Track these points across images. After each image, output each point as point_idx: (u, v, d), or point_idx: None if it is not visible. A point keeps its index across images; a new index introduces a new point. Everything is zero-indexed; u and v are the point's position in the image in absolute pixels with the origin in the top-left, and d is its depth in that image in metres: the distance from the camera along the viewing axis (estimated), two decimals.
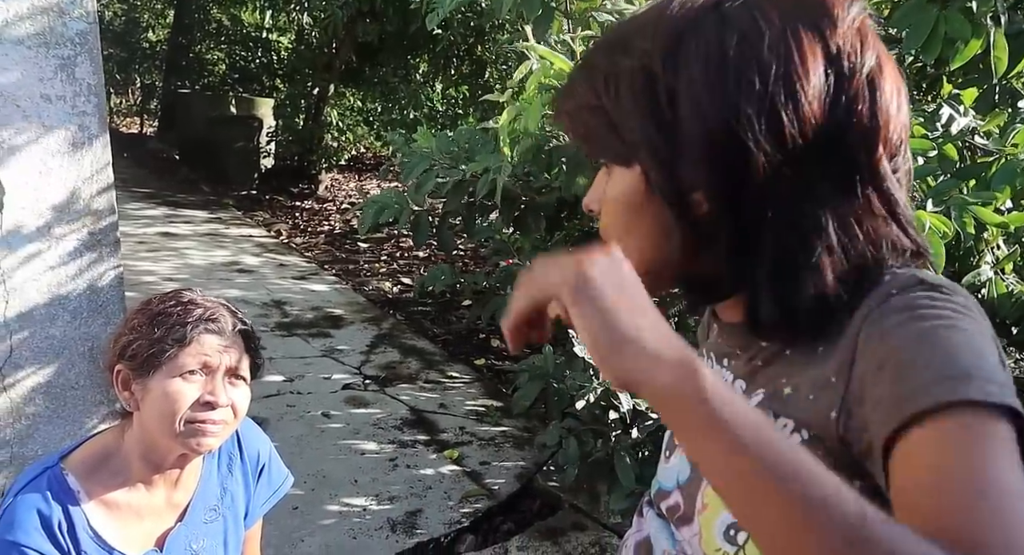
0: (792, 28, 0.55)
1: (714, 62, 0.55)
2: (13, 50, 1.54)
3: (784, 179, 0.55)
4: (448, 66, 7.91)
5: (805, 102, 0.54)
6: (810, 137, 0.54)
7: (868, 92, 0.55)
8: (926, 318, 0.51)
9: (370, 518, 2.48)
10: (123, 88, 11.90)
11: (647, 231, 0.61)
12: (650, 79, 0.58)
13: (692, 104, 0.56)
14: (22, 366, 1.68)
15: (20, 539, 0.97)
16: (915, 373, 0.49)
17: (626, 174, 0.61)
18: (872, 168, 0.56)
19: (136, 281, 4.43)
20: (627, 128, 0.59)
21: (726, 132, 0.55)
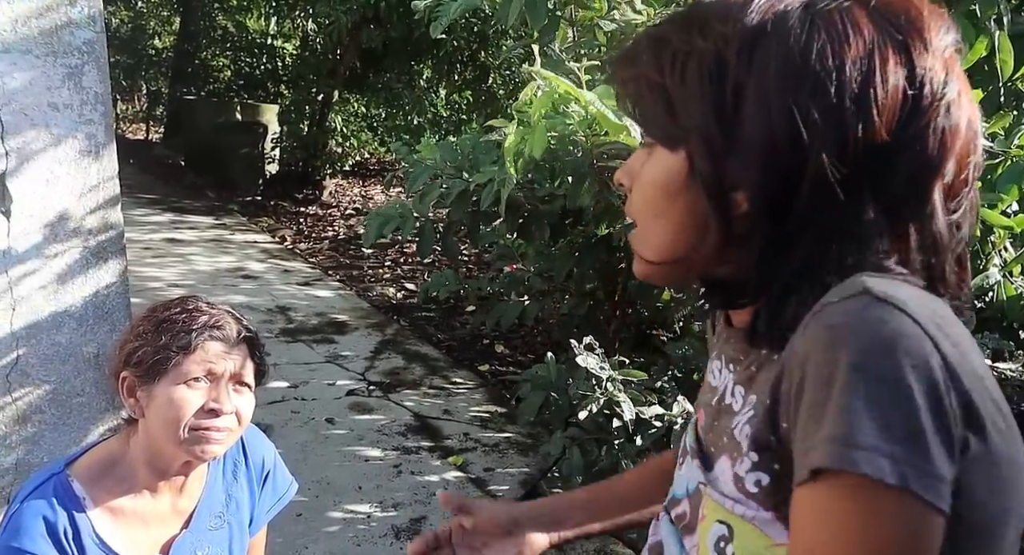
0: (881, 43, 0.53)
1: (792, 63, 0.53)
2: (21, 59, 1.55)
3: (834, 195, 0.53)
4: (452, 72, 7.93)
5: (877, 119, 0.52)
6: (872, 158, 0.52)
7: (942, 123, 0.53)
8: (837, 346, 0.47)
9: (375, 525, 2.48)
10: (129, 95, 11.95)
11: (677, 219, 0.60)
12: (721, 66, 0.55)
13: (759, 102, 0.54)
14: (28, 373, 1.69)
15: (26, 546, 0.98)
16: (816, 425, 0.47)
17: (670, 157, 0.59)
18: (923, 198, 0.54)
19: (142, 287, 4.44)
20: (685, 111, 0.57)
21: (788, 138, 0.53)
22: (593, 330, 2.38)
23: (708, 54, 0.56)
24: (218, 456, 1.07)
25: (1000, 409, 0.49)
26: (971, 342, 0.50)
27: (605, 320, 2.85)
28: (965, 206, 0.56)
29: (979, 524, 0.49)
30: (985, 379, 0.49)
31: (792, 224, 0.54)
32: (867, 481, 0.44)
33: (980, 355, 0.50)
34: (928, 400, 0.45)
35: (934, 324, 0.47)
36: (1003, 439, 0.49)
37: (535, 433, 3.20)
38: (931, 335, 0.46)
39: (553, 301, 3.17)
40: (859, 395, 0.45)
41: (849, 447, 0.45)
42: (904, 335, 0.46)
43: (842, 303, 0.49)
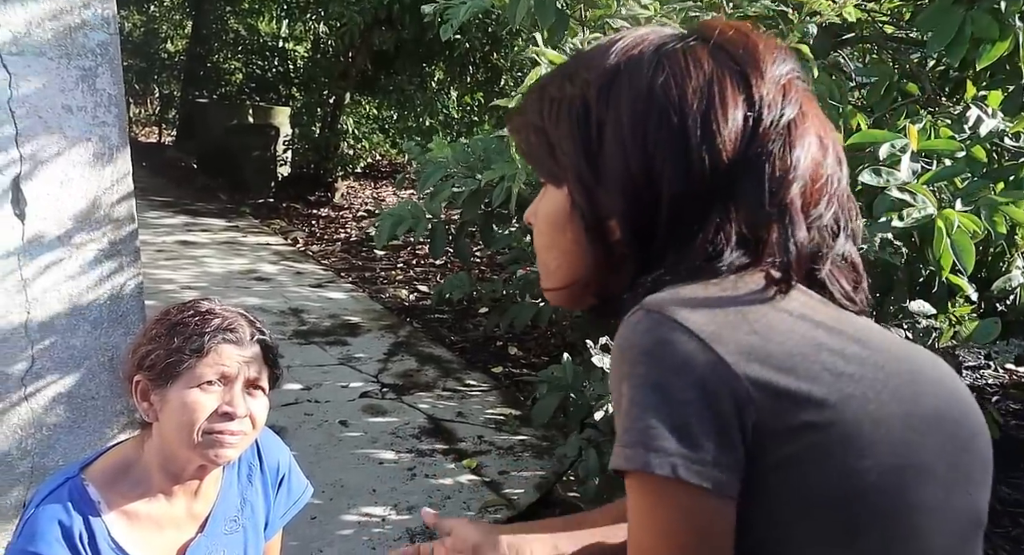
0: (719, 74, 0.59)
1: (641, 99, 0.60)
2: (35, 61, 1.55)
3: (691, 215, 0.58)
4: (464, 73, 7.93)
5: (719, 144, 0.58)
6: (721, 177, 0.58)
7: (784, 139, 0.59)
8: (616, 359, 0.55)
9: (389, 528, 2.46)
10: (142, 98, 12.03)
11: (567, 248, 0.66)
12: (586, 108, 0.62)
13: (616, 137, 0.60)
14: (43, 376, 1.69)
15: (42, 549, 0.97)
16: (618, 428, 0.54)
17: (557, 193, 0.66)
18: (780, 209, 0.58)
19: (155, 289, 4.46)
20: (561, 151, 0.64)
21: (642, 167, 0.59)
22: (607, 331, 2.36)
23: (576, 98, 0.63)
24: (232, 460, 1.06)
25: (842, 375, 0.54)
26: (793, 333, 0.55)
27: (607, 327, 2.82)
28: (832, 212, 0.61)
29: (841, 490, 0.53)
30: (812, 355, 0.54)
31: (657, 243, 0.60)
32: (644, 476, 0.51)
33: (814, 336, 0.55)
34: (694, 395, 0.51)
35: (717, 323, 0.53)
36: (852, 405, 0.53)
37: (550, 436, 3.18)
38: (701, 336, 0.52)
39: None
40: (631, 401, 0.52)
41: (624, 447, 0.52)
42: (666, 342, 0.52)
43: (627, 319, 0.55)
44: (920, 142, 1.72)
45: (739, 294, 0.56)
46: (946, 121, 1.90)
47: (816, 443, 0.52)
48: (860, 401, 0.54)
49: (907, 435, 0.55)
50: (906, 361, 0.58)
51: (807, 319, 0.57)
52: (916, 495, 0.54)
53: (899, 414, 0.55)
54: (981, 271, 2.09)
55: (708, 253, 0.58)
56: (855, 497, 0.53)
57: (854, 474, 0.53)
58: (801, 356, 0.53)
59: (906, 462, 0.54)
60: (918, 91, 2.23)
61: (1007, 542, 2.56)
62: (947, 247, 1.57)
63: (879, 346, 0.58)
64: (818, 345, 0.55)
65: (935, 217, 1.57)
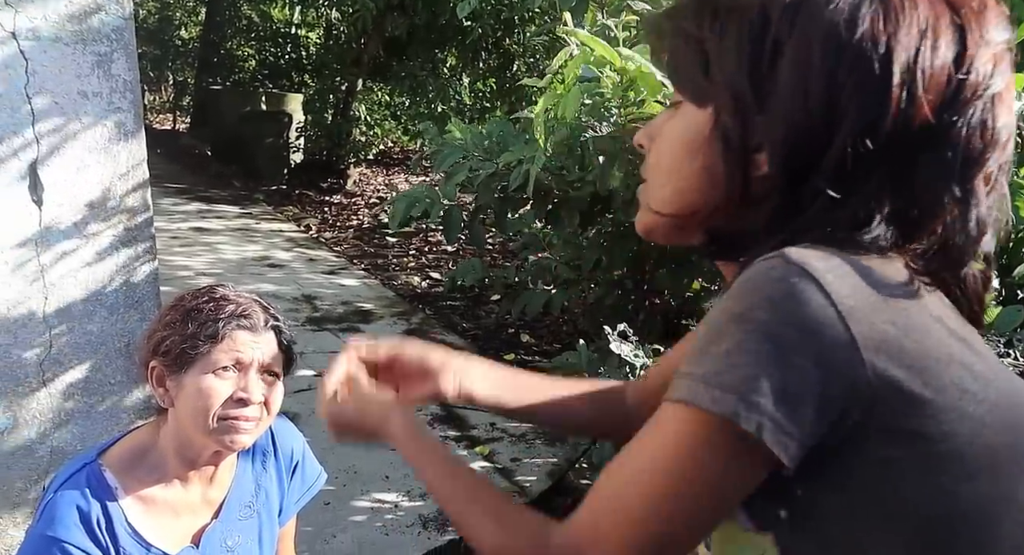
0: (935, 22, 0.52)
1: (840, 27, 0.51)
2: (51, 47, 1.55)
3: (858, 169, 0.51)
4: (476, 59, 7.89)
5: (920, 99, 0.51)
6: (910, 136, 0.51)
7: (984, 112, 0.52)
8: (735, 297, 0.50)
9: (402, 514, 2.48)
10: (156, 85, 12.07)
11: (695, 175, 0.59)
12: (764, 24, 0.54)
13: (796, 65, 0.53)
14: (61, 362, 1.70)
15: (60, 535, 0.98)
16: (688, 360, 0.52)
17: (696, 113, 0.59)
18: (965, 187, 0.53)
19: (171, 276, 4.48)
20: (719, 67, 0.56)
21: (822, 106, 0.52)
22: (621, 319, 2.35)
23: (751, 11, 0.55)
24: (247, 446, 1.06)
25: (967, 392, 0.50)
26: (929, 335, 0.50)
27: (633, 309, 2.81)
28: (989, 203, 0.55)
29: (932, 508, 0.50)
30: (944, 363, 0.49)
31: (807, 192, 0.53)
32: (714, 419, 0.48)
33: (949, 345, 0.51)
34: (810, 364, 0.46)
35: (859, 299, 0.48)
36: (968, 425, 0.49)
37: None
38: (839, 307, 0.47)
39: (580, 290, 3.14)
40: (738, 344, 0.48)
41: (713, 387, 0.48)
42: (801, 299, 0.47)
43: (760, 262, 0.50)
44: None
45: (886, 277, 0.50)
46: None
47: (922, 454, 0.49)
48: (977, 424, 0.50)
49: (1011, 468, 0.51)
50: (1018, 392, 0.54)
51: (943, 324, 0.52)
52: (1004, 531, 0.51)
53: (1010, 444, 0.51)
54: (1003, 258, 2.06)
55: (859, 219, 0.52)
56: (944, 518, 0.50)
57: (951, 495, 0.50)
58: (934, 361, 0.49)
59: (1005, 495, 0.51)
60: None
61: None
62: None
63: (998, 369, 0.54)
64: (951, 354, 0.50)
65: None
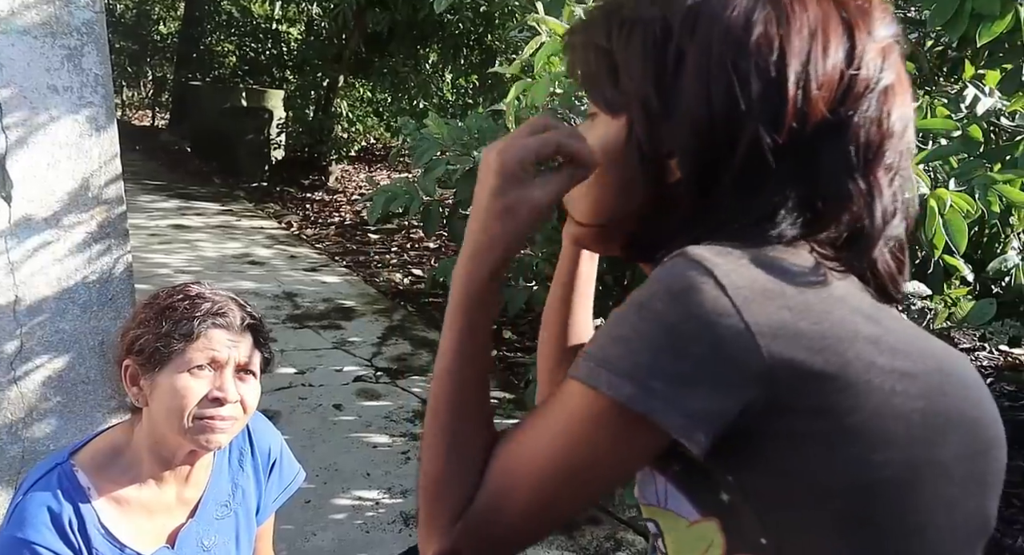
0: (825, 22, 0.54)
1: (736, 32, 0.54)
2: (19, 40, 1.52)
3: (763, 168, 0.54)
4: (458, 55, 7.86)
5: (815, 95, 0.53)
6: (809, 133, 0.53)
7: (877, 105, 0.55)
8: (640, 289, 0.52)
9: (383, 512, 2.47)
10: (135, 81, 11.92)
11: (611, 184, 0.61)
12: (666, 33, 0.56)
13: (698, 69, 0.55)
14: (32, 360, 1.67)
15: (31, 536, 0.96)
16: (590, 342, 0.53)
17: (610, 123, 0.61)
18: (866, 178, 0.55)
19: (149, 273, 4.43)
20: (628, 77, 0.58)
21: (725, 108, 0.54)
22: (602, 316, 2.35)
23: (654, 21, 0.57)
24: (223, 446, 1.05)
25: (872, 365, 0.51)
26: (829, 315, 0.51)
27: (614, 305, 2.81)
28: (894, 191, 0.57)
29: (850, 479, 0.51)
30: (847, 341, 0.51)
31: (719, 193, 0.55)
32: (609, 400, 0.50)
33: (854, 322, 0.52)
34: (705, 351, 0.48)
35: (754, 289, 0.49)
36: (876, 396, 0.51)
37: None
38: (733, 298, 0.49)
39: None
40: (635, 330, 0.50)
41: (609, 372, 0.50)
42: (696, 290, 0.49)
43: (666, 261, 0.52)
44: (916, 121, 1.70)
45: (785, 266, 0.52)
46: (943, 100, 1.88)
47: (830, 428, 0.50)
48: (886, 393, 0.51)
49: (928, 432, 0.53)
50: (935, 359, 0.56)
51: (846, 303, 0.53)
52: (928, 493, 0.53)
53: (922, 410, 0.53)
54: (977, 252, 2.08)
55: (765, 213, 0.54)
56: (864, 488, 0.51)
57: (867, 465, 0.51)
58: (836, 339, 0.51)
59: (922, 459, 0.52)
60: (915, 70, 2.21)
61: (1000, 522, 2.58)
62: (939, 227, 1.56)
63: (912, 340, 0.55)
64: (855, 331, 0.52)
65: (927, 197, 1.56)
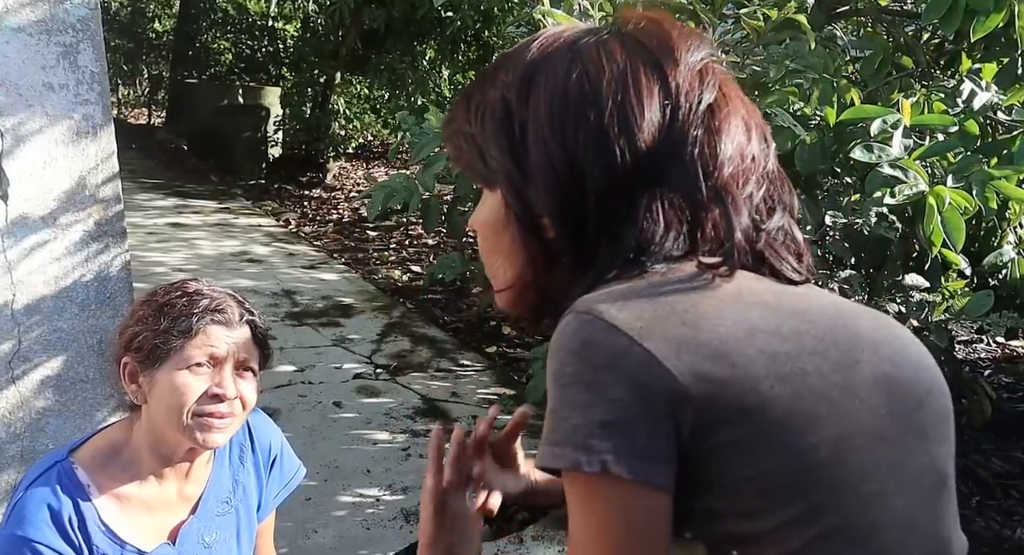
0: (633, 66, 0.60)
1: (558, 96, 0.60)
2: (14, 37, 1.52)
3: (619, 208, 0.58)
4: (455, 52, 7.85)
5: (638, 134, 0.58)
6: (645, 167, 0.58)
7: (705, 123, 0.60)
8: (549, 361, 0.55)
9: (384, 508, 2.47)
10: (130, 79, 11.88)
11: (507, 250, 0.66)
12: (507, 110, 0.63)
13: (537, 136, 0.60)
14: (30, 359, 1.67)
15: (31, 534, 0.96)
16: (545, 427, 0.54)
17: (492, 197, 0.66)
18: (716, 191, 0.59)
19: (147, 272, 4.43)
20: (490, 155, 0.64)
21: (564, 163, 0.59)
22: None
23: (497, 101, 0.64)
24: (221, 445, 1.04)
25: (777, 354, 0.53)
26: (723, 319, 0.54)
27: None
28: (763, 190, 0.61)
29: (792, 469, 0.53)
30: (746, 339, 0.53)
31: (590, 236, 0.60)
32: (576, 474, 0.52)
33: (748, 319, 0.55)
34: (624, 392, 0.51)
35: (645, 319, 0.52)
36: (791, 383, 0.53)
37: (543, 414, 3.18)
38: (629, 333, 0.52)
39: None
40: (560, 400, 0.53)
41: (553, 446, 0.52)
42: (593, 342, 0.52)
43: (560, 324, 0.55)
44: (913, 117, 1.70)
45: (669, 286, 0.56)
46: (940, 95, 1.88)
47: (759, 427, 0.52)
48: (799, 378, 0.53)
49: (851, 403, 0.54)
50: (845, 328, 0.58)
51: (740, 301, 0.56)
52: (867, 461, 0.54)
53: (841, 383, 0.55)
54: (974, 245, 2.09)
55: (639, 245, 0.58)
56: (807, 473, 0.53)
57: (802, 451, 0.52)
58: (735, 341, 0.53)
59: (852, 429, 0.54)
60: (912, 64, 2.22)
61: (999, 513, 2.58)
62: (937, 224, 1.56)
63: (818, 315, 0.58)
64: (751, 328, 0.54)
65: (926, 194, 1.56)
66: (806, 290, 0.62)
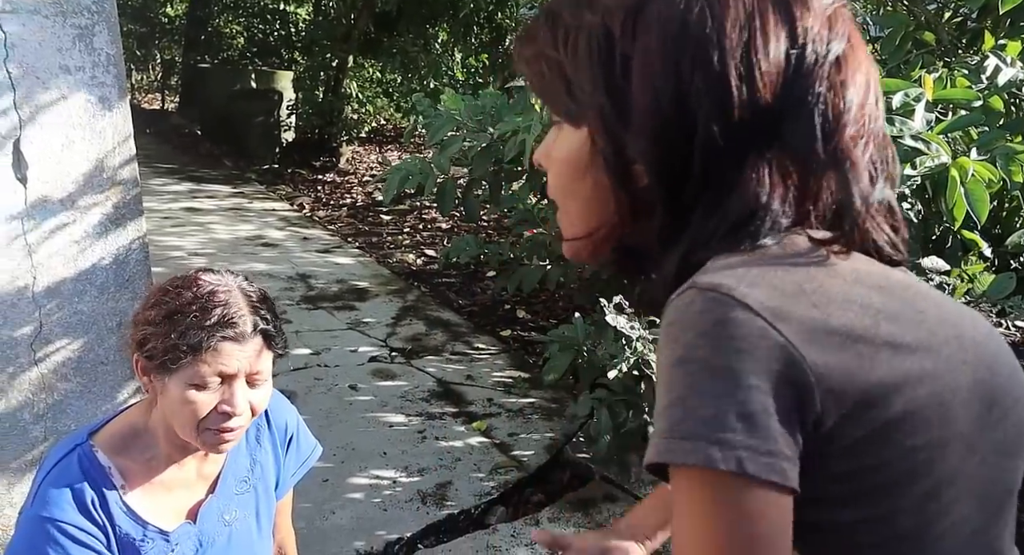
0: (760, 5, 0.53)
1: (672, 32, 0.53)
2: (30, 20, 1.52)
3: (727, 161, 0.53)
4: (468, 34, 7.80)
5: (760, 82, 0.52)
6: (762, 120, 0.53)
7: (831, 77, 0.54)
8: (668, 343, 0.49)
9: (400, 490, 2.49)
10: (143, 64, 11.89)
11: (588, 195, 0.60)
12: (608, 40, 0.56)
13: (644, 74, 0.54)
14: (52, 341, 1.68)
15: (55, 515, 0.97)
16: (656, 420, 0.50)
17: (574, 134, 0.59)
18: (833, 154, 0.53)
19: (163, 257, 4.45)
20: (580, 88, 0.57)
21: (674, 107, 0.53)
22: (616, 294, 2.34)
23: (596, 28, 0.56)
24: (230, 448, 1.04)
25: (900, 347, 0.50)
26: (851, 302, 0.50)
27: (629, 283, 2.80)
28: (869, 155, 0.55)
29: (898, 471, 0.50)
30: (872, 328, 0.49)
31: (689, 192, 0.54)
32: (703, 472, 0.46)
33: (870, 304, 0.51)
34: (762, 380, 0.46)
35: (777, 298, 0.48)
36: (910, 380, 0.49)
37: (559, 398, 3.19)
38: (764, 315, 0.47)
39: (575, 265, 3.13)
40: (688, 388, 0.47)
41: (680, 439, 0.47)
42: (728, 322, 0.47)
43: (675, 300, 0.50)
44: (935, 91, 1.67)
45: (788, 261, 0.51)
46: (963, 71, 1.85)
47: (875, 424, 0.49)
48: (917, 375, 0.50)
49: (954, 407, 0.51)
50: (953, 326, 0.54)
51: (860, 283, 0.52)
52: (954, 469, 0.51)
53: (950, 385, 0.51)
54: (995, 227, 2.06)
55: (743, 210, 0.53)
56: (904, 476, 0.50)
57: (906, 452, 0.49)
58: (862, 328, 0.49)
59: (949, 435, 0.51)
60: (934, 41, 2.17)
61: None
62: (960, 197, 1.53)
63: (926, 307, 0.54)
64: (876, 313, 0.50)
65: (949, 165, 1.53)
66: (907, 276, 0.58)
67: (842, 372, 0.48)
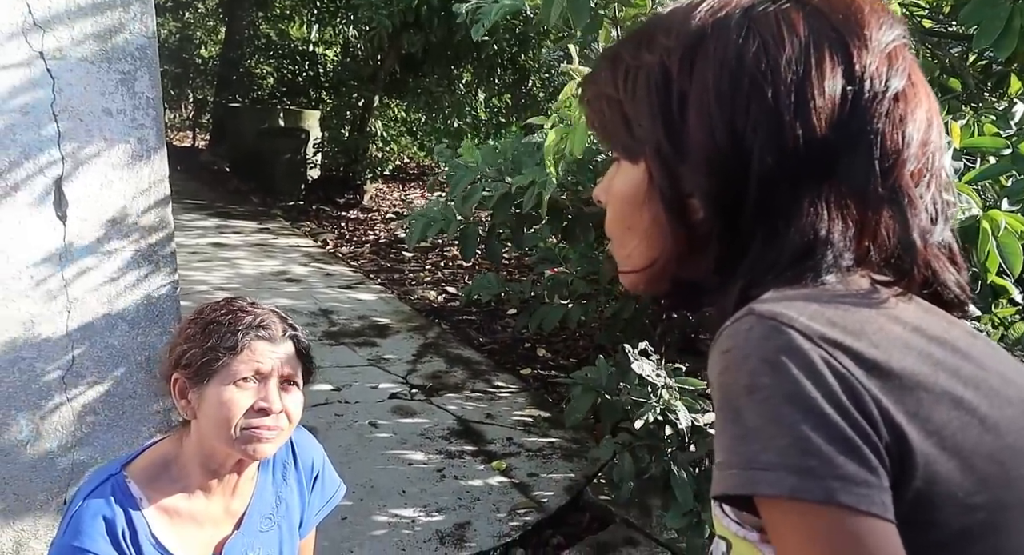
0: (816, 43, 0.54)
1: (728, 68, 0.54)
2: (77, 66, 1.58)
3: (782, 196, 0.53)
4: (491, 75, 7.94)
5: (815, 118, 0.53)
6: (816, 155, 0.53)
7: (890, 113, 0.54)
8: (729, 370, 0.48)
9: (419, 529, 2.47)
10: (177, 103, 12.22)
11: (644, 228, 0.61)
12: (666, 78, 0.57)
13: (700, 109, 0.55)
14: (83, 375, 1.72)
15: (87, 544, 0.99)
16: (719, 448, 0.49)
17: (632, 169, 0.61)
18: (892, 189, 0.54)
19: (189, 290, 4.52)
20: (638, 124, 0.59)
21: (729, 142, 0.54)
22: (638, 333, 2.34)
23: (654, 67, 0.58)
24: (269, 455, 1.07)
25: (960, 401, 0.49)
26: (910, 349, 0.49)
27: (651, 324, 2.80)
28: (931, 194, 0.55)
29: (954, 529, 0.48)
30: (931, 378, 0.48)
31: (744, 225, 0.54)
32: (792, 504, 0.45)
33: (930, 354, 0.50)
34: (833, 408, 0.45)
35: (836, 333, 0.48)
36: (969, 435, 0.48)
37: (579, 438, 3.16)
38: (823, 346, 0.47)
39: (597, 304, 3.13)
40: (760, 416, 0.46)
41: (754, 469, 0.46)
42: (791, 349, 0.47)
43: (732, 326, 0.50)
44: (963, 139, 1.68)
45: (850, 300, 0.51)
46: (990, 117, 1.85)
47: (925, 481, 0.47)
48: (977, 431, 0.49)
49: (1018, 469, 0.50)
50: (1013, 383, 0.53)
51: (921, 332, 0.51)
52: (1015, 538, 0.49)
53: (1012, 446, 0.50)
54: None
55: (803, 245, 0.52)
56: (964, 536, 0.48)
57: (967, 511, 0.48)
58: (922, 376, 0.48)
59: (1013, 499, 0.49)
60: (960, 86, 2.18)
61: None
62: (993, 249, 1.52)
63: (989, 364, 0.53)
64: (935, 364, 0.50)
65: (980, 218, 1.53)
66: (969, 330, 0.57)
67: (903, 412, 0.47)
